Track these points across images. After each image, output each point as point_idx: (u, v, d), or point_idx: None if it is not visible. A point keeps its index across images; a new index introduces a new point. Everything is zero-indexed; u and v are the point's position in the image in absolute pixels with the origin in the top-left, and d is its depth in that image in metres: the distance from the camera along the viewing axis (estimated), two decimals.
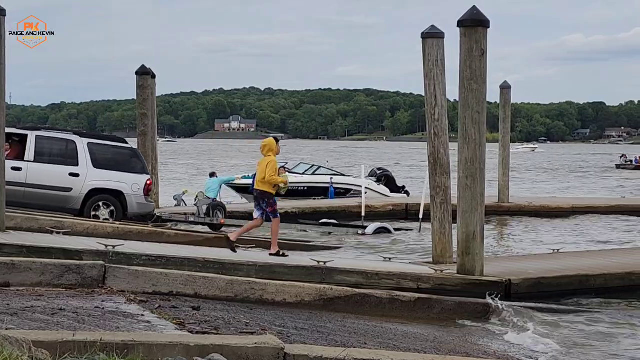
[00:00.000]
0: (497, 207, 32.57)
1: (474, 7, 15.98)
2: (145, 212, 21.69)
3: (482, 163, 15.92)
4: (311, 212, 31.47)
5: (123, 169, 21.37)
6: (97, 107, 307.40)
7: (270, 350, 8.01)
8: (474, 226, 15.84)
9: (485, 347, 12.28)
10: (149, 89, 27.72)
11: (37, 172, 20.61)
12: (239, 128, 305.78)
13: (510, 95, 34.14)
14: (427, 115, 18.48)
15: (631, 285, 17.29)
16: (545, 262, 18.71)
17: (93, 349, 7.40)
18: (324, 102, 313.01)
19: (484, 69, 15.77)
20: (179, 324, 10.44)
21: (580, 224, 32.11)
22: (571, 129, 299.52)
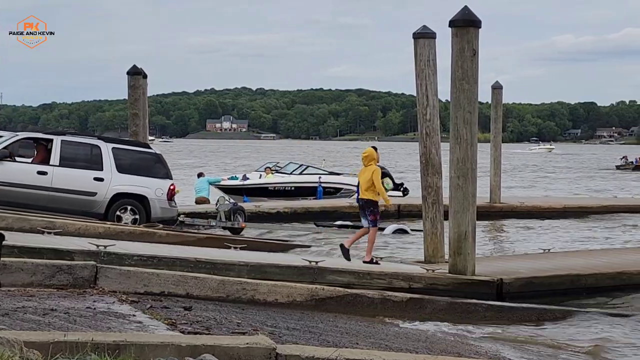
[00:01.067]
0: (488, 207, 32.59)
1: (465, 7, 15.99)
2: (169, 216, 21.78)
3: (474, 163, 15.94)
4: (303, 212, 31.47)
5: (147, 174, 21.49)
6: (89, 107, 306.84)
7: (262, 350, 8.01)
8: (465, 226, 15.86)
9: (477, 347, 12.29)
10: (140, 89, 27.66)
11: (62, 176, 20.75)
12: (230, 128, 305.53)
13: (502, 95, 34.18)
14: (419, 115, 18.49)
15: (622, 285, 17.32)
16: (537, 262, 18.74)
17: (84, 350, 7.38)
18: (316, 102, 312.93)
19: (475, 69, 15.79)
20: (171, 324, 10.43)
21: (572, 224, 32.16)
22: (562, 129, 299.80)
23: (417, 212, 26.28)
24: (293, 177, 40.03)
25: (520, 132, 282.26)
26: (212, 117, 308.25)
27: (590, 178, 73.83)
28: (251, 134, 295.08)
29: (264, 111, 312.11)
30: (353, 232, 27.77)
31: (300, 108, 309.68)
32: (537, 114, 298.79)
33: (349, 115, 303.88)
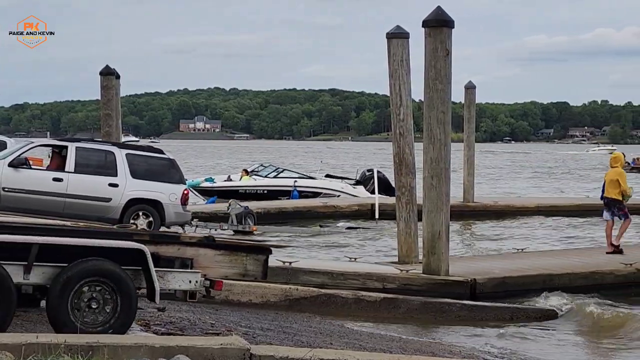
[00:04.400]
0: (462, 207, 32.62)
1: (438, 8, 16.03)
2: (183, 221, 21.87)
3: (447, 163, 15.97)
4: (276, 212, 31.41)
5: (161, 179, 21.58)
6: (61, 107, 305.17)
7: (236, 351, 7.99)
8: (439, 226, 15.88)
9: (450, 346, 12.32)
10: (113, 89, 27.56)
11: (77, 182, 20.85)
12: (203, 128, 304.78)
13: (475, 95, 34.20)
14: (392, 115, 18.51)
15: (595, 285, 17.40)
16: (510, 262, 18.79)
17: (57, 351, 7.36)
18: (289, 103, 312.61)
19: (448, 69, 15.82)
20: (144, 325, 10.40)
21: (545, 223, 32.26)
22: (535, 128, 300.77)
23: (390, 212, 26.38)
24: (267, 180, 39.62)
25: (493, 132, 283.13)
26: (185, 118, 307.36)
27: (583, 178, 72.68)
28: (224, 134, 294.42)
29: (237, 111, 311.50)
30: (358, 233, 27.99)
31: (274, 108, 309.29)
32: (510, 113, 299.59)
33: (323, 116, 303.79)
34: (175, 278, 9.61)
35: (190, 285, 9.64)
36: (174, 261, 9.73)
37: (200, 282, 9.69)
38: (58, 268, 9.03)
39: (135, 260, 9.35)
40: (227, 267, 10.00)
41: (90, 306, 9.07)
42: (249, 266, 10.07)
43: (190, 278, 9.66)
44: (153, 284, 9.28)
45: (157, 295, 9.31)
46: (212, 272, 9.86)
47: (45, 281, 9.05)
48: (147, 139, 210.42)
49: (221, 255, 9.97)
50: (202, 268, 9.83)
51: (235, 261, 10.02)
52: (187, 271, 9.72)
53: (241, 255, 10.06)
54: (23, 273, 8.93)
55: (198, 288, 9.71)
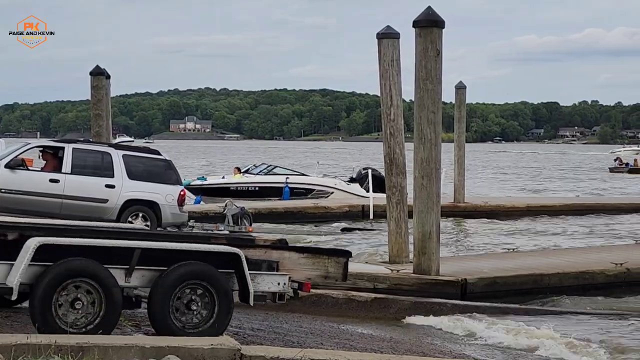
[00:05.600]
0: (452, 207, 32.64)
1: (429, 8, 16.03)
2: (179, 222, 21.89)
3: (438, 163, 15.98)
4: (267, 212, 31.36)
5: (157, 180, 21.61)
6: (51, 107, 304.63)
7: (227, 351, 7.99)
8: (429, 226, 15.89)
9: (441, 346, 12.32)
10: (103, 89, 27.53)
11: (74, 183, 20.87)
12: (194, 129, 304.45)
13: (465, 95, 34.21)
14: (383, 115, 18.51)
15: (585, 284, 17.43)
16: (501, 262, 18.81)
17: (48, 352, 7.34)
18: (280, 103, 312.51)
19: (439, 69, 15.83)
20: (135, 326, 10.40)
21: (535, 223, 32.30)
22: (525, 128, 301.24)
23: (381, 212, 26.40)
24: (258, 177, 39.40)
25: (483, 132, 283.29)
26: (176, 118, 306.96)
27: (579, 180, 71.70)
28: (215, 135, 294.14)
29: (228, 111, 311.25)
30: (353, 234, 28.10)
31: (264, 108, 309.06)
32: (500, 113, 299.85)
33: (313, 116, 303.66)
34: (264, 280, 9.91)
35: (279, 287, 9.97)
36: (261, 264, 10.07)
37: (287, 284, 10.01)
38: (158, 271, 9.35)
39: (228, 263, 9.65)
40: (310, 269, 10.38)
41: (189, 308, 9.39)
42: (330, 269, 10.47)
43: (279, 280, 9.98)
44: (247, 287, 9.59)
45: (250, 297, 9.60)
46: (296, 275, 10.22)
47: (145, 284, 9.39)
48: (142, 139, 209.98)
49: (305, 258, 10.35)
50: (287, 270, 10.17)
51: (318, 264, 10.42)
52: (276, 274, 10.06)
53: (323, 258, 10.46)
54: (124, 276, 9.22)
55: (286, 290, 10.02)
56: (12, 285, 8.68)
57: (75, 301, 8.89)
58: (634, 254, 19.98)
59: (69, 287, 8.89)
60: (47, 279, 8.75)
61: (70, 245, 9.03)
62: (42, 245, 8.79)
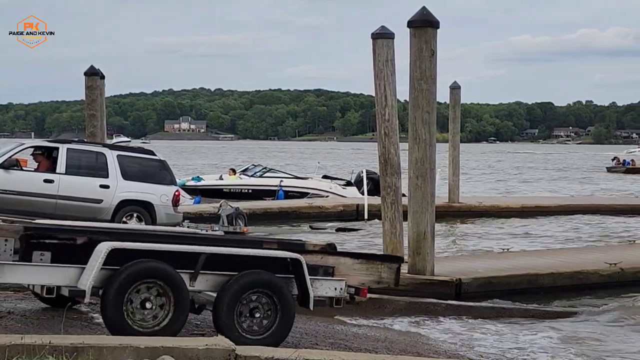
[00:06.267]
0: (447, 207, 32.64)
1: (423, 8, 16.02)
2: (174, 222, 21.90)
3: (433, 163, 15.97)
4: (261, 212, 31.35)
5: (152, 181, 21.64)
6: (46, 107, 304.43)
7: (222, 351, 7.99)
8: (424, 226, 15.89)
9: (435, 346, 12.33)
10: (97, 89, 27.47)
11: (68, 184, 20.89)
12: (188, 129, 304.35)
13: (460, 95, 34.22)
14: (378, 115, 18.49)
15: (579, 284, 17.45)
16: (495, 262, 18.83)
17: (42, 352, 7.33)
18: (274, 103, 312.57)
19: (433, 69, 15.82)
20: None
21: (529, 224, 32.30)
22: (520, 129, 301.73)
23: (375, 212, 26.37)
24: (252, 179, 39.36)
25: (478, 132, 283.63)
26: (170, 118, 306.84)
27: (575, 180, 71.23)
28: (209, 135, 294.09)
29: (222, 112, 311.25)
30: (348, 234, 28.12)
31: (259, 109, 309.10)
32: (495, 114, 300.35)
33: (308, 116, 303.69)
34: (322, 285, 10.24)
35: (336, 292, 10.30)
36: (318, 269, 10.30)
37: (344, 289, 10.32)
38: (221, 276, 9.66)
39: (288, 269, 9.97)
40: (364, 275, 10.62)
41: (253, 314, 9.72)
42: (383, 274, 10.73)
43: (336, 285, 10.31)
44: (307, 292, 9.92)
45: (310, 302, 9.96)
46: (350, 280, 10.46)
47: (208, 288, 9.68)
48: (138, 139, 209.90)
49: (359, 264, 10.59)
50: (342, 276, 10.43)
51: (371, 269, 10.65)
52: (334, 279, 10.37)
53: (377, 264, 10.72)
54: (189, 280, 9.48)
55: (342, 295, 10.33)
56: (84, 288, 9.00)
57: (146, 302, 9.22)
58: (628, 254, 20.01)
59: (140, 288, 9.20)
60: (120, 279, 9.05)
61: (139, 249, 9.32)
62: (113, 249, 9.06)
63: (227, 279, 9.58)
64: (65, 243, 9.49)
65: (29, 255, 9.32)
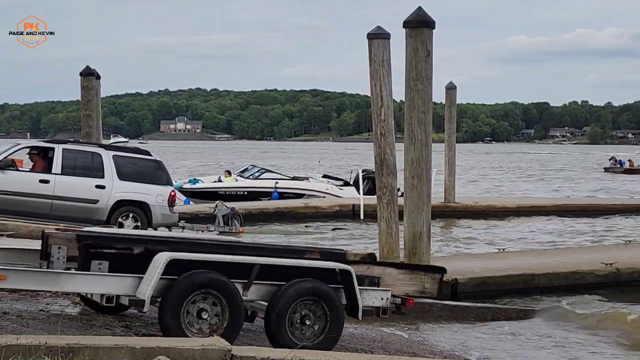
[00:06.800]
0: (443, 207, 32.65)
1: (419, 8, 16.01)
2: (170, 222, 21.90)
3: (428, 163, 15.96)
4: (257, 213, 31.36)
5: (148, 181, 21.65)
6: (41, 108, 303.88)
7: (217, 352, 7.98)
8: (420, 226, 15.87)
9: (431, 346, 12.34)
10: (93, 90, 27.46)
11: (64, 184, 20.90)
12: (184, 129, 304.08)
13: (456, 95, 34.23)
14: (374, 115, 18.49)
15: (575, 285, 17.46)
16: (491, 262, 18.83)
17: (38, 353, 7.33)
18: (270, 103, 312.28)
19: (429, 69, 15.81)
20: (125, 327, 10.39)
21: (525, 223, 32.33)
22: (516, 129, 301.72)
23: (371, 212, 26.39)
24: (248, 181, 39.35)
25: (474, 132, 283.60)
26: (166, 118, 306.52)
27: (573, 181, 70.80)
28: (205, 135, 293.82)
29: (218, 112, 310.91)
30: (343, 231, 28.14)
31: (255, 109, 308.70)
32: (490, 114, 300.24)
33: (304, 116, 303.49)
34: (369, 295, 10.38)
35: (382, 302, 10.46)
36: (364, 279, 10.47)
37: (390, 299, 10.50)
38: (273, 286, 9.83)
39: (336, 279, 10.14)
40: (408, 285, 10.77)
41: (304, 322, 9.90)
42: (426, 284, 10.84)
43: (382, 295, 10.46)
44: (356, 302, 10.10)
45: (360, 312, 10.14)
46: (395, 290, 10.65)
47: (260, 297, 9.86)
48: (135, 140, 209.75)
49: (403, 274, 10.77)
50: (387, 286, 10.61)
51: (415, 279, 10.85)
52: (379, 289, 10.52)
53: (420, 274, 10.87)
54: (242, 290, 9.69)
55: (388, 305, 10.50)
56: (144, 298, 9.16)
57: (202, 311, 9.39)
58: (623, 254, 20.03)
59: (197, 297, 9.37)
60: (179, 289, 9.27)
61: (196, 260, 9.50)
62: (172, 260, 9.28)
63: (277, 288, 9.78)
64: (122, 252, 9.67)
65: (87, 265, 9.50)
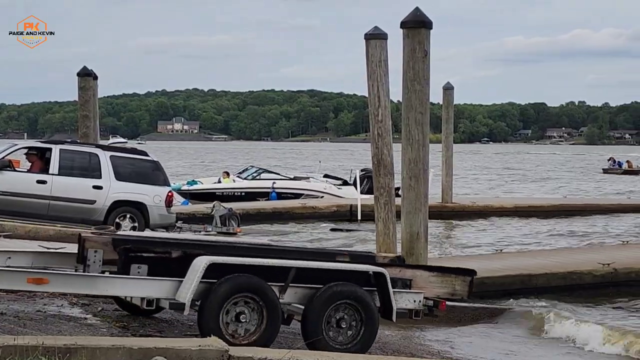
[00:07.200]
0: (440, 208, 32.66)
1: (416, 9, 16.00)
2: (167, 223, 21.89)
3: (426, 164, 15.95)
4: (255, 213, 31.37)
5: (145, 181, 21.65)
6: (38, 108, 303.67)
7: (215, 352, 7.98)
8: (417, 227, 15.86)
9: (429, 347, 12.34)
10: (90, 90, 27.45)
11: (61, 185, 20.91)
12: (182, 129, 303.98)
13: (453, 96, 34.23)
14: (371, 116, 18.49)
15: (572, 285, 17.46)
16: (489, 262, 18.82)
17: (35, 353, 7.32)
18: (268, 104, 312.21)
19: (427, 69, 15.80)
20: (122, 327, 10.39)
21: (523, 224, 32.34)
22: (513, 129, 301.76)
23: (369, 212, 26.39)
24: (245, 182, 39.35)
25: (471, 133, 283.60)
26: (163, 119, 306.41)
27: (572, 182, 70.48)
28: (202, 135, 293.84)
29: (216, 112, 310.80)
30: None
31: (252, 109, 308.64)
32: (488, 114, 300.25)
33: (301, 117, 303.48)
34: (402, 298, 10.49)
35: (415, 304, 10.57)
36: (397, 282, 10.57)
37: (422, 301, 10.60)
38: (309, 289, 9.99)
39: (369, 281, 10.27)
40: (439, 287, 10.89)
41: (339, 325, 10.00)
42: (457, 287, 10.96)
43: (415, 298, 10.58)
44: (390, 304, 10.22)
45: (393, 314, 10.25)
46: (426, 292, 10.77)
47: (296, 300, 10.04)
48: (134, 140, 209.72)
49: (434, 277, 10.91)
50: (419, 288, 10.74)
51: (446, 282, 10.94)
52: (413, 291, 10.65)
53: (451, 277, 10.98)
54: (279, 293, 9.85)
55: (420, 307, 10.60)
56: (184, 301, 9.30)
57: (241, 314, 9.52)
58: (621, 255, 20.03)
59: (236, 301, 9.50)
60: (218, 292, 9.37)
61: (234, 264, 9.63)
62: (211, 264, 9.40)
63: (313, 291, 9.92)
64: (161, 256, 9.82)
65: (127, 268, 9.65)
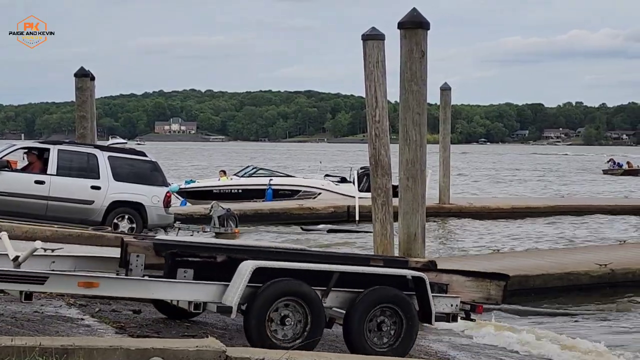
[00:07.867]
0: (438, 208, 32.69)
1: (414, 9, 16.03)
2: (165, 223, 21.90)
3: (423, 164, 15.98)
4: (252, 214, 31.36)
5: (143, 182, 21.66)
6: (35, 109, 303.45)
7: (212, 353, 7.98)
8: (414, 227, 15.89)
9: (426, 347, 12.33)
10: (88, 91, 27.46)
11: (59, 185, 20.91)
12: (179, 130, 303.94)
13: (451, 96, 34.28)
14: (368, 116, 18.47)
15: (569, 285, 17.47)
16: (486, 263, 18.84)
17: (32, 354, 7.32)
18: (265, 104, 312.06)
19: (424, 70, 15.82)
20: (120, 328, 10.38)
21: (520, 225, 32.35)
22: (510, 130, 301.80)
23: (366, 213, 26.39)
24: (242, 180, 39.31)
25: (469, 133, 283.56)
26: (161, 119, 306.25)
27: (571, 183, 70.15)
28: (200, 136, 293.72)
29: (213, 113, 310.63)
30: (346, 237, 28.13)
31: (249, 110, 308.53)
32: (485, 115, 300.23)
33: (298, 117, 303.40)
34: (440, 302, 10.59)
35: (452, 308, 10.65)
36: (433, 286, 10.63)
37: (458, 305, 10.69)
38: (350, 293, 10.07)
39: (407, 285, 10.38)
40: (474, 291, 11.02)
41: (380, 328, 10.10)
42: (492, 291, 11.04)
43: (452, 302, 10.67)
44: (429, 308, 10.30)
45: (432, 318, 10.36)
46: (462, 296, 10.85)
47: (337, 304, 10.14)
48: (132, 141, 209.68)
49: (470, 281, 11.05)
50: (455, 292, 10.88)
51: (481, 286, 11.05)
52: (449, 296, 10.76)
53: (486, 281, 11.07)
54: (321, 297, 9.93)
55: (456, 311, 10.69)
56: (231, 305, 9.44)
57: (286, 318, 9.65)
58: (618, 255, 20.06)
59: (281, 304, 9.63)
60: (264, 296, 9.51)
61: (279, 268, 9.78)
62: (257, 268, 9.53)
63: (355, 295, 10.01)
64: (206, 261, 9.98)
65: (173, 272, 9.83)
